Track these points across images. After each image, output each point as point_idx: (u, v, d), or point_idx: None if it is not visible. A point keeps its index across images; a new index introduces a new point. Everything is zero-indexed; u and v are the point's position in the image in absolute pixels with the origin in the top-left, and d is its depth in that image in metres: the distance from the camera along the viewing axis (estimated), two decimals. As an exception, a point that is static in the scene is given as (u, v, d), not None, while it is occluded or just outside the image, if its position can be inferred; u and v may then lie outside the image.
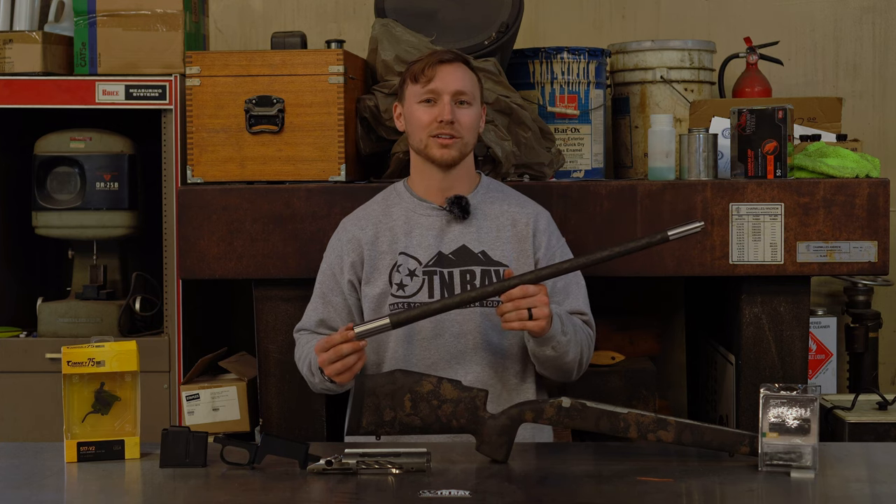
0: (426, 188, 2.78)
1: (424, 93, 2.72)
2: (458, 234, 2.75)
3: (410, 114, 2.75)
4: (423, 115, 2.72)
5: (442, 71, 2.72)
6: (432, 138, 2.71)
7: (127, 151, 3.58)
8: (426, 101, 2.72)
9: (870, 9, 4.05)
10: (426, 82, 2.72)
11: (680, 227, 2.44)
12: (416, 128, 2.74)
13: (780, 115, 3.08)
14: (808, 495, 2.13)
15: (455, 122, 2.70)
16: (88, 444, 2.36)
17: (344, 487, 2.17)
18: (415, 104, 2.74)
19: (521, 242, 2.77)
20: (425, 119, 2.72)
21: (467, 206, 2.75)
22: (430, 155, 2.73)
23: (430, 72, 2.72)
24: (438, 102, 2.71)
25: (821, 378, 3.79)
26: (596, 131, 3.55)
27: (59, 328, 3.53)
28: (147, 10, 3.51)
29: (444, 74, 2.72)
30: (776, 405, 2.21)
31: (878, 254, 3.08)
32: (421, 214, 2.77)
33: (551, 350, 2.61)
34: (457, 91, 2.72)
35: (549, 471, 2.30)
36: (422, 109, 2.73)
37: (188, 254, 3.13)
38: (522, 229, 2.78)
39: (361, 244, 2.77)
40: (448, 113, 2.69)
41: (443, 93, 2.71)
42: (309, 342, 2.74)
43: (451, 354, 2.69)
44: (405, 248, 2.74)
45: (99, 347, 2.36)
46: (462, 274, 2.72)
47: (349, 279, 2.76)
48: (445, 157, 2.72)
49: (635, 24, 4.08)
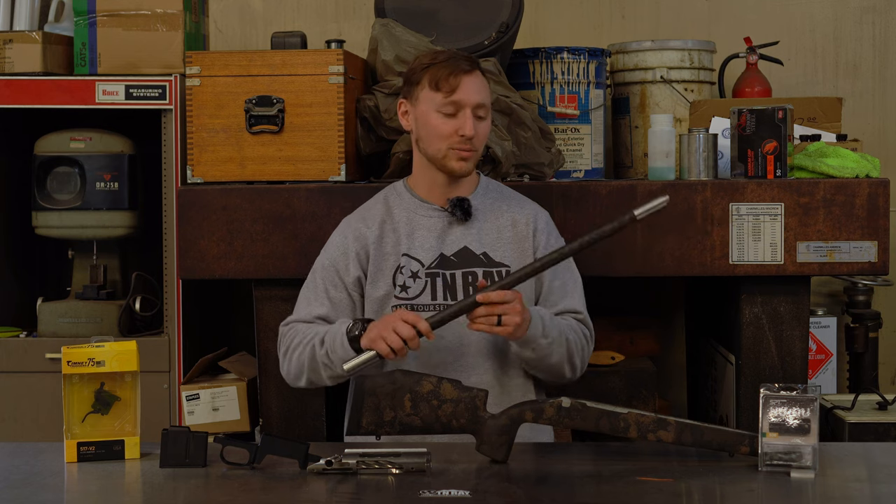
0: (429, 190, 2.78)
1: (447, 104, 2.68)
2: (460, 235, 2.75)
3: (427, 121, 2.71)
4: (444, 126, 2.68)
5: (465, 82, 2.67)
6: (452, 150, 2.69)
7: (127, 151, 3.58)
8: (448, 113, 2.69)
9: (870, 9, 4.05)
10: (449, 93, 2.67)
11: (645, 206, 2.50)
12: (434, 137, 2.70)
13: (780, 115, 3.08)
14: (808, 495, 2.13)
15: (474, 137, 2.69)
16: (88, 444, 2.36)
17: (344, 487, 2.17)
18: (433, 111, 2.69)
19: (522, 242, 2.77)
20: (445, 130, 2.68)
21: (469, 208, 2.75)
22: (446, 166, 2.71)
23: (454, 82, 2.67)
24: (460, 115, 2.68)
25: (821, 378, 3.79)
26: (596, 131, 3.55)
27: (59, 328, 3.53)
28: (147, 10, 3.51)
29: (467, 86, 2.68)
30: (776, 405, 2.21)
31: (878, 254, 3.08)
32: (423, 216, 2.77)
33: (531, 352, 2.63)
34: (478, 104, 2.69)
35: (549, 471, 2.30)
36: (441, 119, 2.69)
37: (188, 254, 3.13)
38: (522, 229, 2.78)
39: (368, 242, 2.75)
40: (471, 128, 2.67)
41: (465, 106, 2.67)
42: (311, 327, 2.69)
43: (454, 357, 2.69)
44: (408, 249, 2.74)
45: (99, 347, 2.36)
46: (464, 276, 2.72)
47: (356, 275, 2.74)
48: (463, 169, 2.71)
49: (635, 24, 4.08)
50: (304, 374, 2.69)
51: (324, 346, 2.62)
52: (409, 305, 2.69)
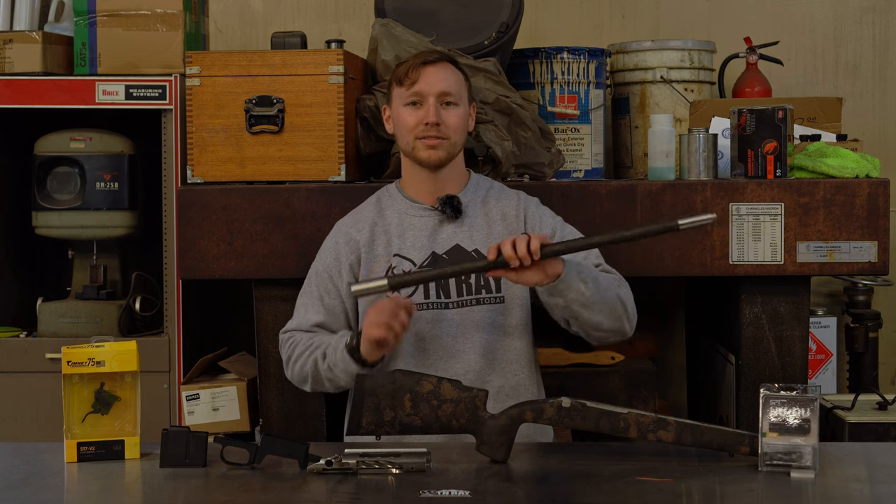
0: (417, 190, 2.79)
1: (409, 95, 2.73)
2: (451, 233, 2.76)
3: (397, 116, 2.76)
4: (409, 118, 2.73)
5: (426, 72, 2.72)
6: (419, 140, 2.72)
7: (127, 151, 3.58)
8: (411, 104, 2.73)
9: (870, 9, 4.05)
10: (410, 84, 2.72)
11: (691, 218, 2.44)
12: (403, 131, 2.75)
13: (780, 115, 3.08)
14: (808, 495, 2.13)
15: (441, 124, 2.71)
16: (88, 444, 2.36)
17: (344, 487, 2.17)
18: (400, 107, 2.75)
19: (513, 234, 2.72)
20: (411, 121, 2.73)
21: (459, 205, 2.75)
22: (417, 157, 2.74)
23: (414, 74, 2.72)
24: (423, 104, 2.72)
25: (821, 378, 3.79)
26: (596, 131, 3.55)
27: (59, 328, 3.53)
28: (147, 10, 3.51)
29: (428, 76, 2.72)
30: (776, 405, 2.21)
31: (878, 254, 3.08)
32: (413, 216, 2.77)
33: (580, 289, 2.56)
34: (441, 92, 2.72)
35: (549, 471, 2.30)
36: (407, 112, 2.74)
37: (188, 254, 3.13)
38: (512, 222, 2.78)
39: (359, 246, 2.77)
40: (433, 115, 2.70)
41: (427, 94, 2.72)
42: (313, 339, 2.72)
43: (449, 354, 2.69)
44: (399, 249, 2.74)
45: (99, 347, 2.36)
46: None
47: (349, 281, 2.76)
48: (433, 158, 2.73)
49: (635, 24, 4.08)
50: (307, 383, 2.74)
51: (325, 361, 2.66)
52: None
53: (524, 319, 2.75)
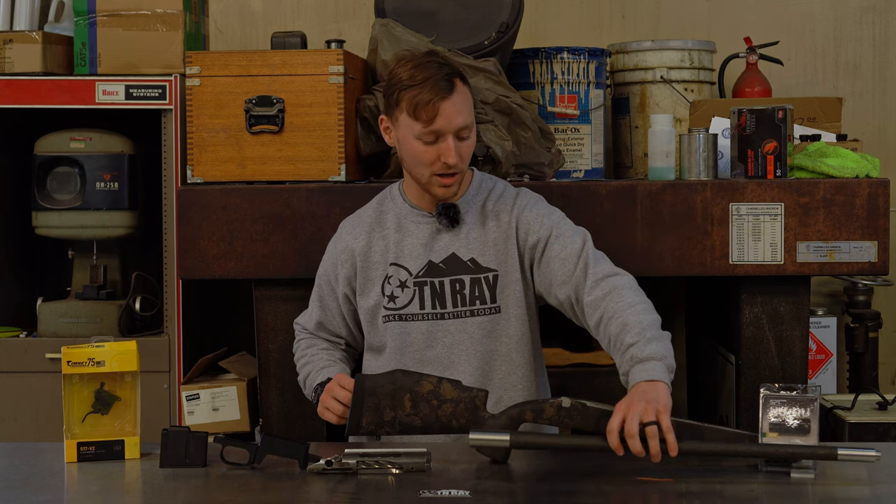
0: (419, 196, 2.72)
1: (426, 133, 2.57)
2: (448, 241, 2.71)
3: (408, 147, 2.62)
4: (426, 155, 2.60)
5: (444, 108, 2.55)
6: (434, 177, 2.62)
7: (127, 151, 3.58)
8: (427, 141, 2.59)
9: (870, 9, 4.05)
10: (428, 122, 2.56)
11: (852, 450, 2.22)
12: (417, 164, 2.62)
13: (780, 115, 3.08)
14: (808, 495, 2.14)
15: (457, 160, 2.60)
16: (88, 444, 2.36)
17: (344, 487, 2.17)
18: (413, 139, 2.60)
19: (506, 242, 2.69)
20: (428, 158, 2.60)
21: (456, 215, 2.69)
22: (431, 191, 2.66)
23: (432, 110, 2.55)
24: (441, 142, 2.58)
25: (821, 378, 3.79)
26: (596, 131, 3.55)
27: (59, 328, 3.54)
28: (147, 10, 3.51)
29: (447, 111, 2.56)
30: (776, 405, 2.21)
31: (878, 254, 3.08)
32: (412, 222, 2.73)
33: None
34: (459, 128, 2.59)
35: (549, 471, 2.30)
36: (423, 147, 2.59)
37: (188, 254, 3.13)
38: (505, 228, 2.70)
39: (355, 255, 2.74)
40: (454, 156, 2.57)
41: (447, 133, 2.58)
42: (308, 350, 2.79)
43: (444, 366, 2.67)
44: (396, 258, 2.71)
45: (99, 347, 2.36)
46: (452, 283, 2.68)
47: (344, 292, 2.76)
48: (447, 194, 2.66)
49: (635, 24, 4.08)
50: None
51: (304, 383, 2.76)
52: (398, 315, 2.68)
53: (522, 329, 2.69)
